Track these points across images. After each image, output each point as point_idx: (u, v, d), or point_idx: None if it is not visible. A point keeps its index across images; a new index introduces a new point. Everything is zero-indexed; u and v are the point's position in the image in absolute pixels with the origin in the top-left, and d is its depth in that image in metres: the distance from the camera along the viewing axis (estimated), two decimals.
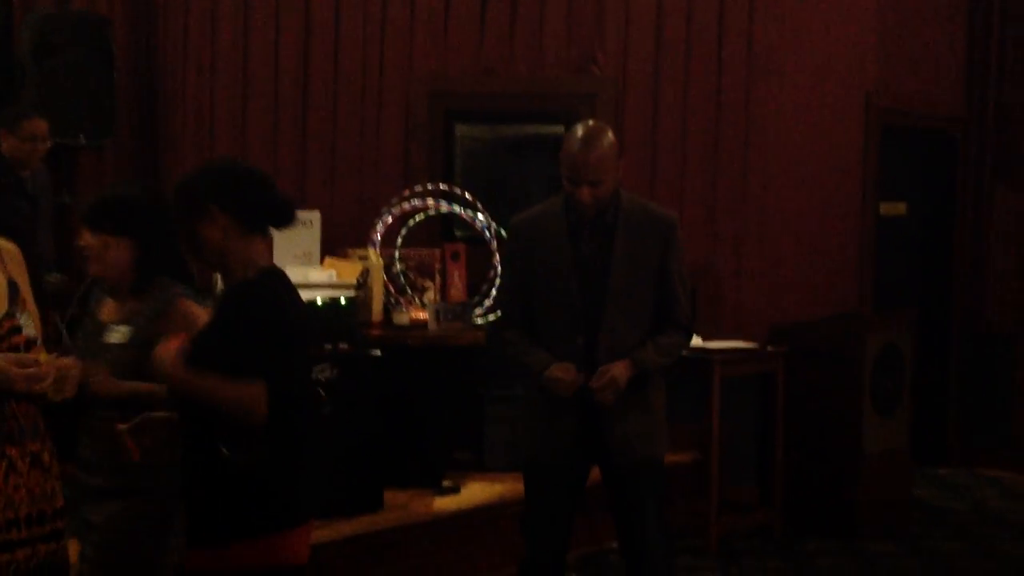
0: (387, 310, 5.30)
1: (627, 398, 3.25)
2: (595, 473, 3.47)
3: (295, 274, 5.27)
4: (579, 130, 3.23)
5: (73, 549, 2.65)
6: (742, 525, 5.51)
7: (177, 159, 5.84)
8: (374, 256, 5.38)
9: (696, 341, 5.46)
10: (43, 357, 2.37)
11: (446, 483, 5.01)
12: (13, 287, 2.43)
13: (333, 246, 5.61)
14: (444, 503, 4.88)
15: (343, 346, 4.61)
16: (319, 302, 4.64)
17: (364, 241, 5.52)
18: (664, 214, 3.41)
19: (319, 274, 5.34)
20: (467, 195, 5.59)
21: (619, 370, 3.21)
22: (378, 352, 4.70)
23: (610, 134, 3.26)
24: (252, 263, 2.55)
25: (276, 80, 5.87)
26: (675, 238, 3.34)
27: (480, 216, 5.54)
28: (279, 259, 5.47)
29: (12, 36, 5.33)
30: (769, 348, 5.57)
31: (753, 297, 5.97)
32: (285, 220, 2.64)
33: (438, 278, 5.48)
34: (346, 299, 4.72)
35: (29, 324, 2.42)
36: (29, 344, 2.40)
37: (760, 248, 6.01)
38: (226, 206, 2.50)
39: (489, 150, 6.07)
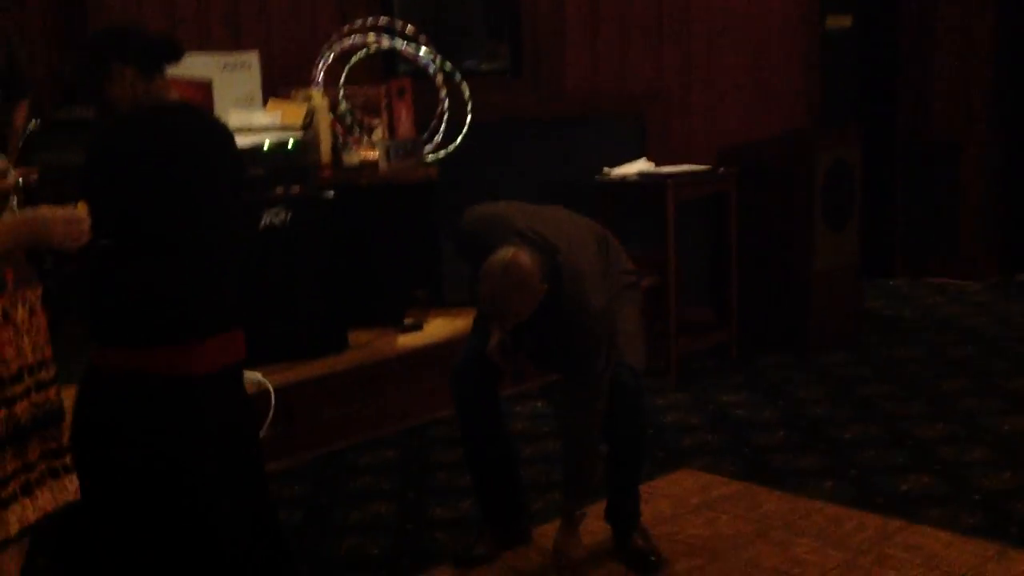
0: (336, 151, 5.20)
1: None
2: None
3: (238, 118, 5.19)
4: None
5: None
6: (699, 345, 5.61)
7: (100, 14, 5.60)
8: (318, 96, 5.25)
9: (648, 166, 5.47)
10: (81, 207, 2.27)
11: (408, 320, 5.03)
12: None
13: (275, 88, 5.47)
14: (407, 340, 4.91)
15: (294, 189, 4.54)
16: (265, 146, 4.54)
17: (307, 82, 5.37)
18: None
19: (263, 117, 5.21)
20: (408, 29, 5.44)
21: None
22: (331, 193, 4.63)
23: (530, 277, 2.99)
24: (157, 102, 2.76)
25: None
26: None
27: (423, 50, 5.41)
28: (220, 102, 5.34)
29: None
30: (720, 170, 5.57)
31: (700, 121, 5.94)
32: (177, 53, 2.87)
33: (385, 116, 5.37)
34: (294, 141, 4.62)
35: (9, 172, 2.37)
36: (6, 194, 2.36)
37: (707, 71, 5.95)
38: (126, 59, 2.72)
39: None
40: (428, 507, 3.91)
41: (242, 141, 4.56)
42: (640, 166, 5.49)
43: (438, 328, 5.05)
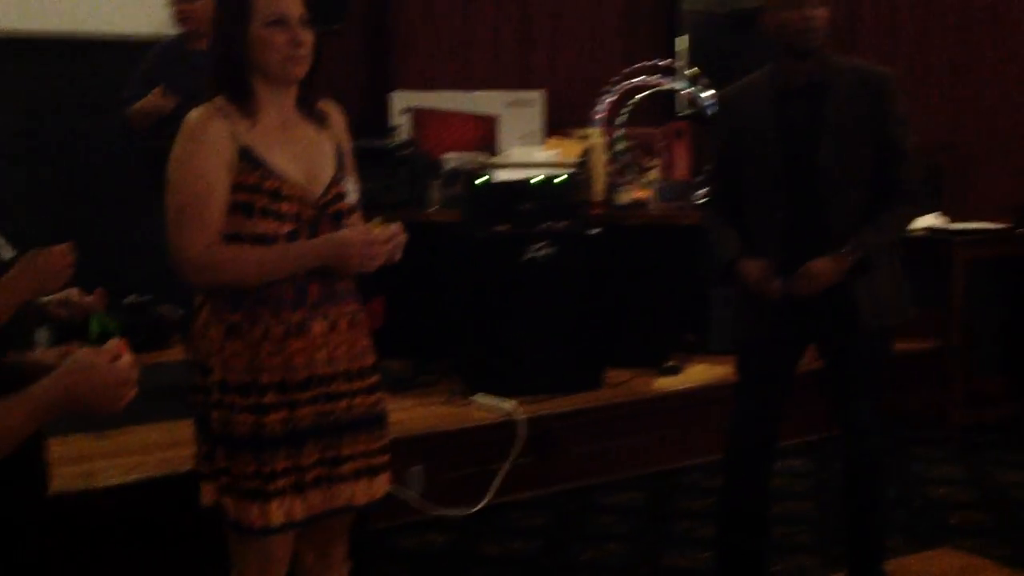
0: (609, 190, 5.23)
1: (856, 268, 3.03)
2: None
3: (519, 154, 5.34)
4: None
5: None
6: (986, 417, 5.20)
7: (405, 48, 5.90)
8: (596, 135, 5.31)
9: (939, 221, 5.15)
10: (376, 228, 2.36)
11: (668, 363, 4.96)
12: (339, 151, 2.44)
13: (557, 126, 5.58)
14: (665, 383, 4.85)
15: (561, 224, 4.59)
16: (535, 180, 4.63)
17: (587, 120, 5.45)
18: (879, 71, 3.15)
19: (542, 153, 5.32)
20: (692, 72, 5.41)
21: (821, 267, 3.00)
22: (598, 230, 4.65)
23: None
24: None
25: None
26: (894, 98, 3.08)
27: (704, 94, 5.36)
28: (504, 138, 5.52)
29: None
30: (1019, 230, 5.16)
31: (1003, 176, 5.53)
32: None
33: (661, 157, 5.35)
34: (564, 178, 4.68)
35: (353, 190, 2.42)
36: (351, 211, 2.40)
37: (1013, 121, 5.54)
38: None
39: (717, 24, 5.84)
40: (663, 555, 3.82)
41: (516, 175, 4.72)
42: (930, 220, 5.17)
43: (699, 373, 4.95)
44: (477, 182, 4.64)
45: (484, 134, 5.58)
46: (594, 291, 4.64)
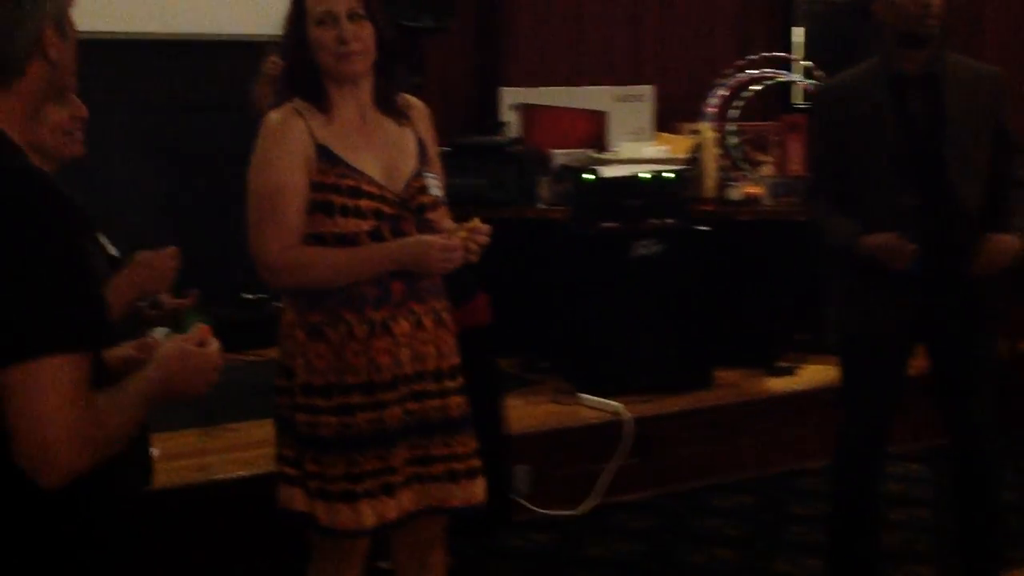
0: (720, 186, 5.13)
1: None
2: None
3: (628, 150, 5.28)
4: None
5: None
6: None
7: (515, 44, 5.88)
8: (707, 130, 5.22)
9: None
10: (447, 223, 2.38)
11: (780, 364, 4.85)
12: (421, 145, 2.40)
13: (667, 121, 5.50)
14: (777, 384, 4.74)
15: (669, 220, 4.52)
16: (642, 176, 4.56)
17: (698, 115, 5.35)
18: (989, 67, 3.13)
19: (651, 150, 5.25)
20: (808, 64, 5.27)
21: (1008, 243, 2.89)
22: (706, 227, 4.57)
23: None
24: None
25: None
26: (1007, 95, 3.05)
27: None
28: (614, 134, 5.46)
29: None
30: None
31: None
32: None
33: (775, 152, 5.23)
34: (672, 173, 4.60)
35: (435, 184, 2.39)
36: (435, 204, 2.38)
37: None
38: None
39: (834, 14, 5.68)
40: (773, 560, 3.73)
41: (624, 171, 4.66)
42: None
43: (813, 374, 4.82)
44: (584, 178, 4.59)
45: (594, 130, 5.52)
46: (703, 289, 4.56)
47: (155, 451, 3.45)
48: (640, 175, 4.56)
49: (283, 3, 4.22)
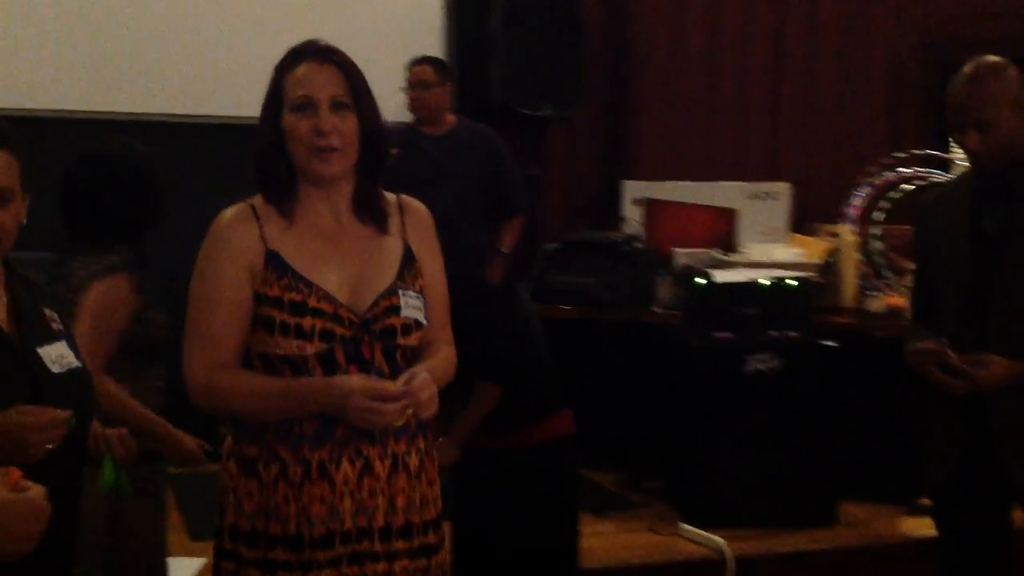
0: (859, 295, 4.60)
1: None
2: None
3: (758, 252, 4.81)
4: (966, 67, 2.61)
5: None
6: None
7: (642, 135, 5.53)
8: (847, 233, 4.71)
9: None
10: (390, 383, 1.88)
11: (921, 501, 4.22)
12: (408, 258, 2.00)
13: (804, 222, 5.03)
14: (916, 525, 4.10)
15: (791, 333, 4.02)
16: (765, 283, 4.08)
17: (839, 216, 4.86)
18: None
19: (783, 252, 4.79)
20: (965, 163, 4.70)
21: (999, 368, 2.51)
22: (833, 343, 4.04)
23: (1010, 71, 2.58)
24: None
25: (747, 41, 5.36)
26: None
27: None
28: (744, 233, 5.02)
29: (488, 5, 5.30)
30: None
31: None
32: None
33: None
34: (796, 280, 4.11)
35: (415, 305, 1.96)
36: (407, 328, 1.94)
37: None
38: None
39: None
40: None
41: (742, 276, 4.19)
42: None
43: None
44: (696, 282, 4.15)
45: (722, 228, 5.09)
46: (829, 411, 4.03)
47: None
48: (759, 281, 4.08)
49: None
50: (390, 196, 2.04)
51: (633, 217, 5.09)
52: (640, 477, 4.43)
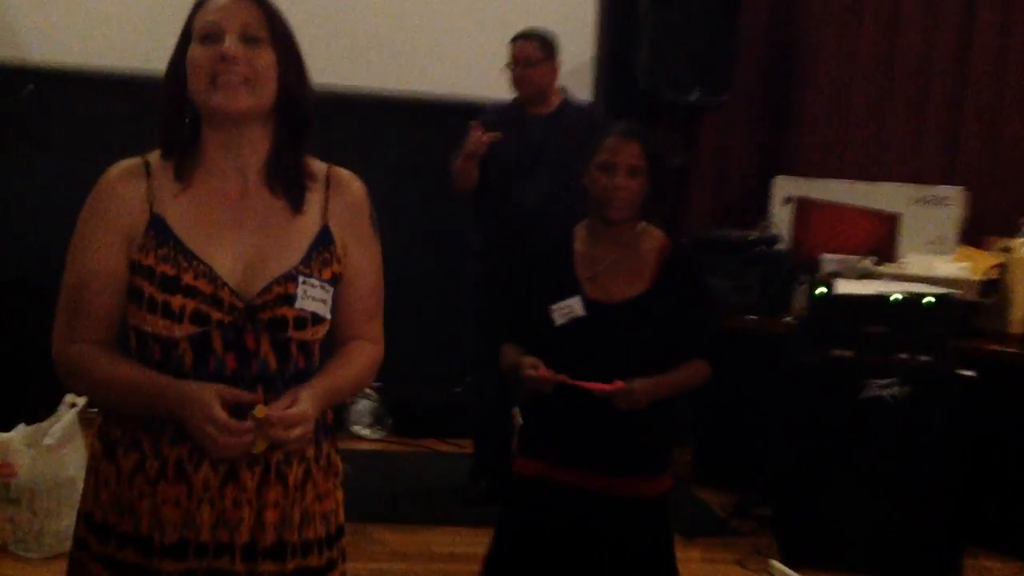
0: None
1: None
2: None
3: (918, 263, 4.29)
4: None
5: None
6: None
7: (802, 123, 5.06)
8: (1022, 248, 4.12)
9: None
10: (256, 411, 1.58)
11: None
12: (325, 236, 1.71)
13: (977, 233, 4.47)
14: None
15: (922, 358, 3.53)
16: (897, 298, 3.60)
17: (1017, 229, 4.27)
18: None
19: (945, 266, 4.25)
20: None
21: None
22: (971, 372, 3.52)
23: None
24: None
25: (929, 27, 4.80)
26: None
27: None
28: (906, 241, 4.53)
29: None
30: None
31: None
32: None
33: None
34: (935, 297, 3.61)
35: (314, 296, 1.68)
36: (302, 322, 1.66)
37: None
38: None
39: None
40: None
41: (870, 289, 3.72)
42: None
43: None
44: (816, 293, 3.71)
45: (881, 235, 4.59)
46: (959, 449, 3.51)
47: None
48: (890, 295, 3.61)
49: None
50: (319, 166, 1.75)
51: (780, 216, 4.66)
52: (752, 502, 4.03)
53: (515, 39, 3.94)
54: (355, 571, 2.98)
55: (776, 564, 3.47)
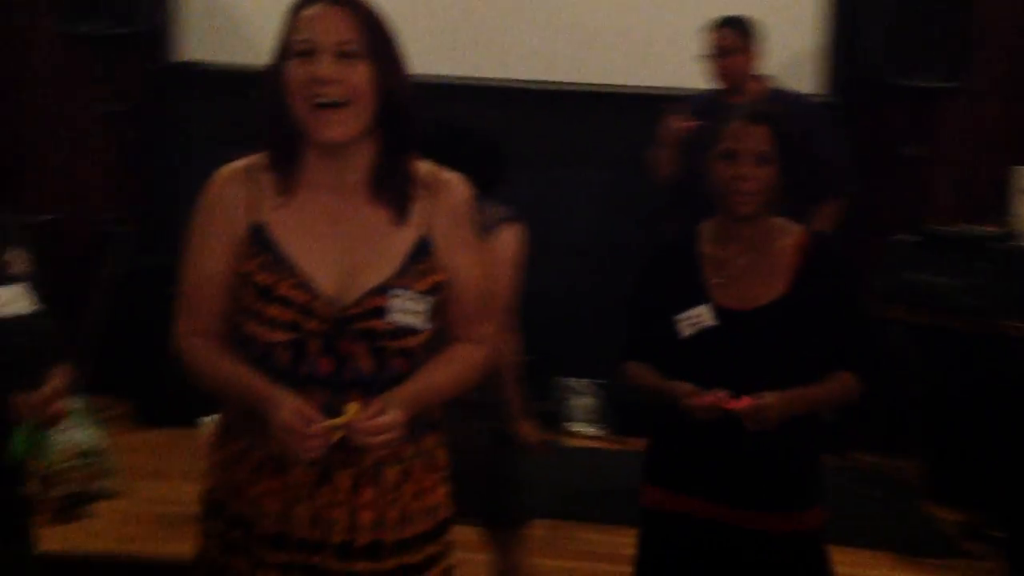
0: None
1: None
2: None
3: None
4: None
5: None
6: None
7: None
8: None
9: None
10: (342, 416, 1.61)
11: None
12: (425, 246, 1.71)
13: None
14: None
15: None
16: None
17: None
18: None
19: None
20: None
21: None
22: None
23: None
24: None
25: None
26: None
27: None
28: None
29: None
30: None
31: None
32: None
33: None
34: None
35: (409, 309, 1.68)
36: (394, 334, 1.67)
37: None
38: None
39: None
40: None
41: None
42: None
43: None
44: None
45: None
46: None
47: None
48: None
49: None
50: (425, 170, 1.75)
51: (1021, 209, 4.27)
52: (987, 522, 3.71)
53: (712, 27, 3.79)
54: (542, 567, 3.01)
55: None
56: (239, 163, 1.75)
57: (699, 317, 2.13)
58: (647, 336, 2.23)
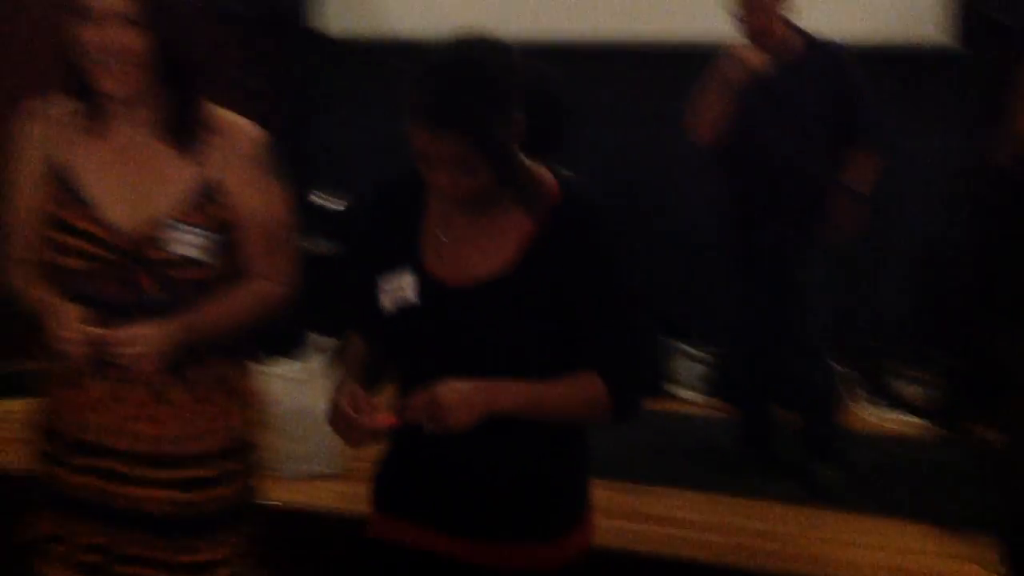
0: None
1: None
2: None
3: None
4: None
5: None
6: None
7: None
8: None
9: None
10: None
11: None
12: (210, 184, 1.95)
13: None
14: None
15: None
16: None
17: None
18: None
19: None
20: None
21: None
22: None
23: None
24: None
25: None
26: None
27: None
28: None
29: None
30: None
31: None
32: None
33: None
34: None
35: (188, 241, 1.92)
36: (182, 263, 1.93)
37: None
38: None
39: None
40: None
41: None
42: None
43: None
44: None
45: None
46: None
47: None
48: None
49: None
50: (222, 116, 1.98)
51: None
52: None
53: None
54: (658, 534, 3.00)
55: None
56: (39, 100, 1.98)
57: (401, 290, 1.68)
58: (359, 304, 1.79)
